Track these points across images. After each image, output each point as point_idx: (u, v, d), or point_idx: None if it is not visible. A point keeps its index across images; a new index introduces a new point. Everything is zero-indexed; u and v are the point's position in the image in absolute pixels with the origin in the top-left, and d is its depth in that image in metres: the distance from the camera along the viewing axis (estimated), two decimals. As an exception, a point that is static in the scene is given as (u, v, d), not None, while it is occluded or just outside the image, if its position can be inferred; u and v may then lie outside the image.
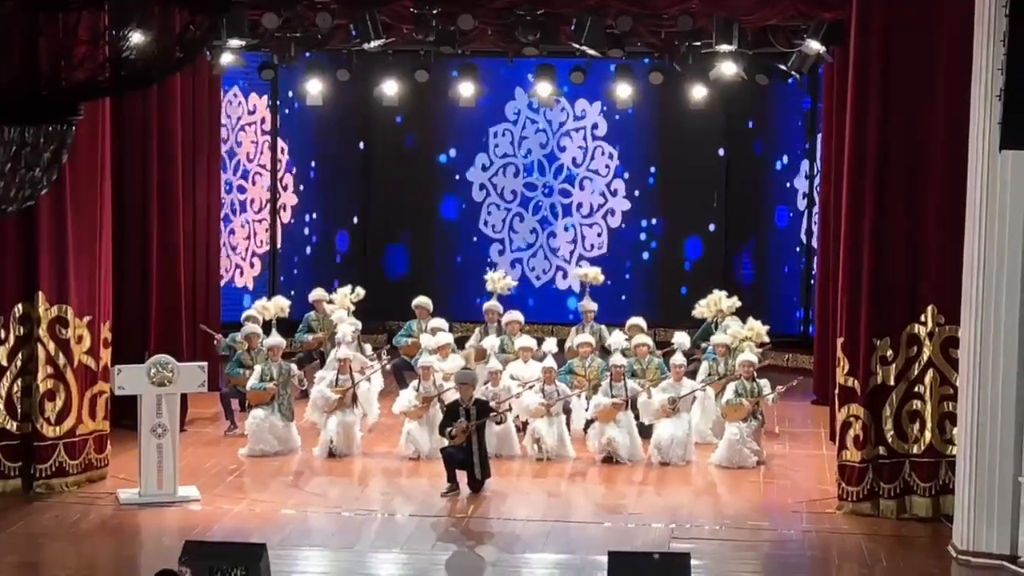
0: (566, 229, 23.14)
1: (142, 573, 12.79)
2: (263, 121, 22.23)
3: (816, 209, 20.71)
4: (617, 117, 22.59)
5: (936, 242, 14.70)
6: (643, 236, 23.05)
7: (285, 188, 22.54)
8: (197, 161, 19.22)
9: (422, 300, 19.58)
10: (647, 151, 22.98)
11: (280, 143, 22.45)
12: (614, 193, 23.00)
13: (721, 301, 19.20)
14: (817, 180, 20.73)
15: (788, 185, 22.06)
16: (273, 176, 22.38)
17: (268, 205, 22.35)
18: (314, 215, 23.03)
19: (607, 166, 23.00)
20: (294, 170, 22.67)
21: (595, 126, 22.97)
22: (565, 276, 23.05)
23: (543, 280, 23.22)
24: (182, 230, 18.40)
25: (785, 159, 22.13)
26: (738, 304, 19.16)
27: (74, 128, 6.62)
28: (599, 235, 23.06)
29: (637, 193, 22.98)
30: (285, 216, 22.59)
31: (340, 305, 19.39)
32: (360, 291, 19.59)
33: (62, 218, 15.49)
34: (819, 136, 20.60)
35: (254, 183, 22.07)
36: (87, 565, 13.61)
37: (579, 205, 23.14)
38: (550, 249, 23.24)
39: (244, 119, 21.93)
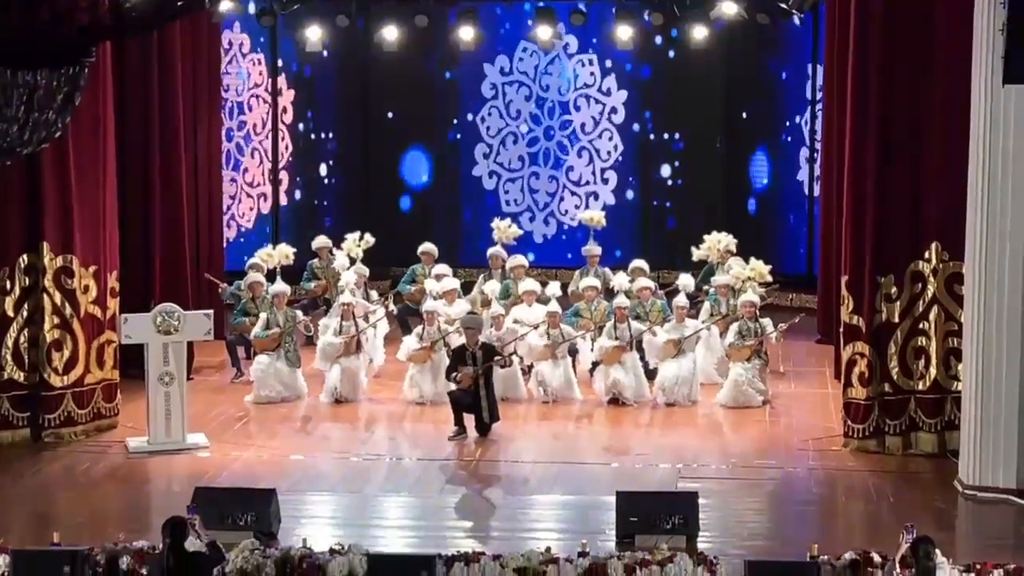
0: (579, 155, 23.12)
1: (152, 521, 12.82)
2: (261, 73, 22.09)
3: (819, 147, 20.65)
4: (610, 62, 22.52)
5: (939, 178, 14.69)
6: (644, 181, 23.02)
7: (283, 140, 22.44)
8: (198, 110, 19.18)
9: (428, 247, 19.54)
10: (648, 94, 22.89)
11: (281, 89, 22.32)
12: (608, 92, 22.95)
13: (720, 242, 19.18)
14: (820, 117, 20.64)
15: (790, 124, 21.98)
16: (274, 123, 22.27)
17: (269, 153, 22.24)
18: (317, 162, 22.98)
19: (592, 74, 22.92)
20: (293, 119, 22.58)
21: (566, 45, 22.92)
22: (596, 199, 22.95)
23: (571, 214, 23.18)
24: (184, 179, 18.41)
25: (787, 98, 22.04)
26: (735, 242, 19.15)
27: (86, 70, 6.64)
28: (614, 144, 23.01)
29: (637, 138, 22.93)
30: (285, 167, 22.50)
31: (348, 252, 19.35)
32: (369, 238, 19.51)
33: (65, 168, 15.48)
34: (821, 72, 20.50)
35: (251, 109, 21.94)
36: (97, 514, 13.65)
37: (582, 125, 23.10)
38: (573, 183, 23.23)
39: (245, 67, 21.79)
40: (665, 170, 22.98)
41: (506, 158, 23.33)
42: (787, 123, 22.05)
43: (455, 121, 23.38)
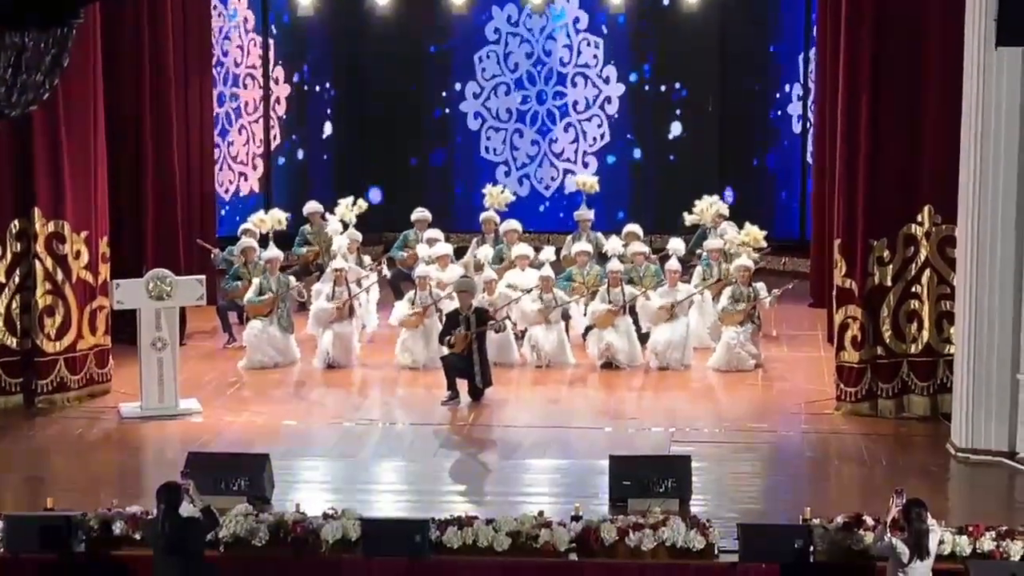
0: (565, 130, 22.98)
1: (146, 486, 12.84)
2: (261, 57, 21.93)
3: (812, 109, 20.59)
4: (604, 17, 22.41)
5: (932, 142, 14.69)
6: (636, 142, 22.89)
7: (278, 101, 22.32)
8: (189, 73, 19.12)
9: (422, 213, 19.50)
10: (640, 54, 22.78)
11: (271, 52, 22.19)
12: (607, 81, 22.82)
13: (712, 206, 19.18)
14: (812, 79, 20.57)
15: (783, 89, 21.93)
16: (265, 87, 22.14)
17: (261, 116, 22.12)
18: (309, 129, 22.88)
19: (595, 56, 22.79)
20: (285, 77, 22.44)
21: (576, 20, 22.77)
22: (575, 174, 22.84)
23: (552, 188, 23.07)
24: (176, 143, 18.36)
25: (781, 61, 21.96)
26: (726, 206, 19.13)
27: (74, 31, 6.62)
28: (599, 126, 22.91)
29: (630, 96, 22.81)
30: (276, 133, 22.38)
31: (341, 217, 19.33)
32: (362, 203, 19.50)
33: (55, 133, 15.46)
34: (814, 33, 20.42)
35: (245, 87, 21.82)
36: (92, 478, 13.68)
37: (575, 103, 22.97)
38: (554, 155, 23.08)
39: (231, 31, 21.61)
40: (659, 137, 22.79)
41: (495, 105, 23.08)
42: (781, 87, 21.98)
43: (443, 94, 23.15)
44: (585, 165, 22.82)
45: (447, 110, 23.20)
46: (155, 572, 11.15)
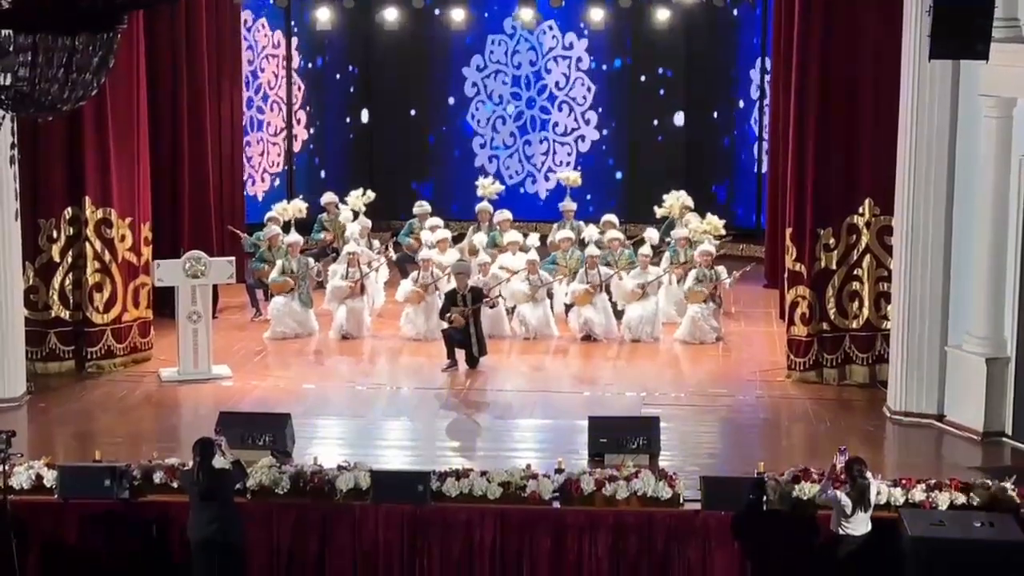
0: (541, 141, 22.73)
1: (182, 441, 12.82)
2: (284, 56, 21.66)
3: (767, 116, 20.50)
4: (589, 36, 22.17)
5: (872, 142, 14.68)
6: (614, 141, 22.71)
7: (299, 122, 22.08)
8: (222, 79, 18.99)
9: (423, 207, 19.43)
10: (616, 65, 22.59)
11: (295, 79, 21.90)
12: (588, 122, 22.56)
13: (679, 199, 19.12)
14: (767, 91, 20.50)
15: (741, 99, 21.83)
16: (288, 91, 21.95)
17: (285, 116, 21.88)
18: (326, 127, 22.70)
19: (584, 97, 22.52)
20: (308, 104, 22.19)
21: (579, 59, 22.40)
22: (535, 181, 22.65)
23: (514, 181, 22.80)
24: (209, 141, 18.28)
25: (739, 75, 21.85)
26: (691, 200, 19.06)
27: (119, 35, 6.61)
28: (569, 154, 22.63)
29: (607, 103, 22.61)
30: (300, 133, 22.15)
31: (352, 206, 19.29)
32: (371, 194, 19.46)
33: (103, 131, 15.41)
34: (769, 52, 20.36)
35: (272, 110, 21.60)
36: (134, 434, 13.64)
37: (555, 124, 22.67)
38: (525, 156, 22.83)
39: (268, 50, 21.40)
40: (634, 142, 22.54)
41: (491, 87, 22.57)
42: (740, 99, 21.87)
43: (450, 102, 22.74)
44: (546, 179, 22.45)
45: (444, 128, 22.81)
46: (190, 516, 11.13)
